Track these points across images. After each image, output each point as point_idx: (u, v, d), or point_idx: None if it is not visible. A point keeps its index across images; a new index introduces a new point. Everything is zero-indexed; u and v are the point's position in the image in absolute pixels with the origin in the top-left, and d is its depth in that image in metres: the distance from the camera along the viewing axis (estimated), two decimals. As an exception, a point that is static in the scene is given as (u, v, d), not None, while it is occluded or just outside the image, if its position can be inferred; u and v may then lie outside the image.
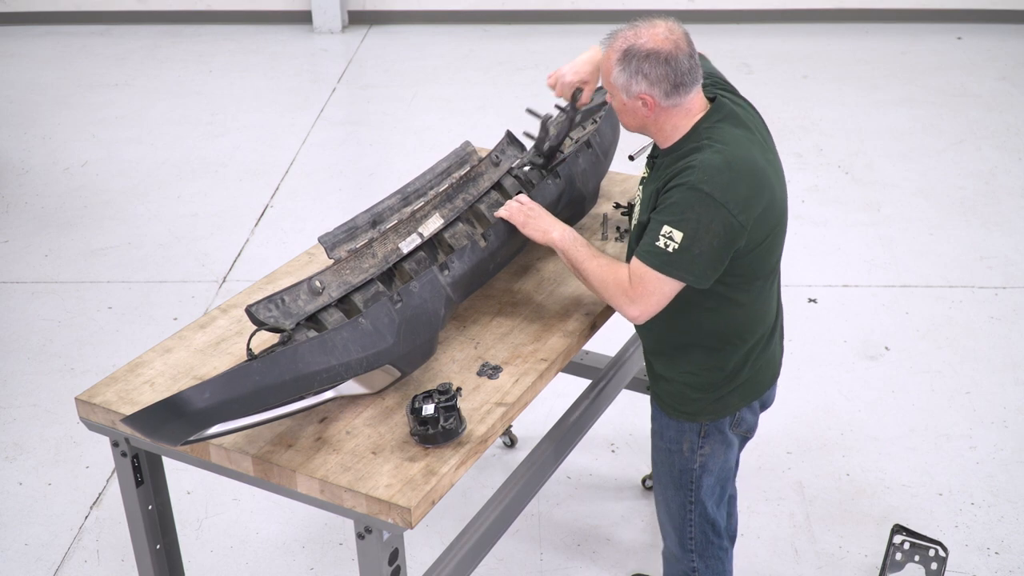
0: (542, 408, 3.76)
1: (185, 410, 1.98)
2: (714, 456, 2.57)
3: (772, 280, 2.48)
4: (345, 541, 3.37)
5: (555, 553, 3.34)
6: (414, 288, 2.34)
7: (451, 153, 2.92)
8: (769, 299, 2.49)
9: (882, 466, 3.66)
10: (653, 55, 2.26)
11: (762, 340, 2.50)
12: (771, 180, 2.35)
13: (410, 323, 2.30)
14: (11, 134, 6.59)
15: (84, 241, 5.28)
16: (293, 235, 5.26)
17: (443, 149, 5.81)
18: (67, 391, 4.10)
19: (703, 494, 2.61)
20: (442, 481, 2.11)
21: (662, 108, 2.32)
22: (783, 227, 2.44)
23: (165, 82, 7.41)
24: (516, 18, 8.45)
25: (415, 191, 2.76)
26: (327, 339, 2.15)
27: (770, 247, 2.39)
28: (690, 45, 2.31)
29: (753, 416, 2.58)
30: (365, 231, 2.61)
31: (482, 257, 2.53)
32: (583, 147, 2.87)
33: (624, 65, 2.29)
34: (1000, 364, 4.17)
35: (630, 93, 2.31)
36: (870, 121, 6.49)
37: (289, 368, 2.08)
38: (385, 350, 2.24)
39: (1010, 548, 3.30)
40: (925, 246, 5.06)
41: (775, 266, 2.47)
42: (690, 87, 2.31)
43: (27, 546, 3.41)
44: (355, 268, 2.51)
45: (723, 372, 2.48)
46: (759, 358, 2.51)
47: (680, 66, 2.28)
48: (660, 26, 2.30)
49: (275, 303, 2.33)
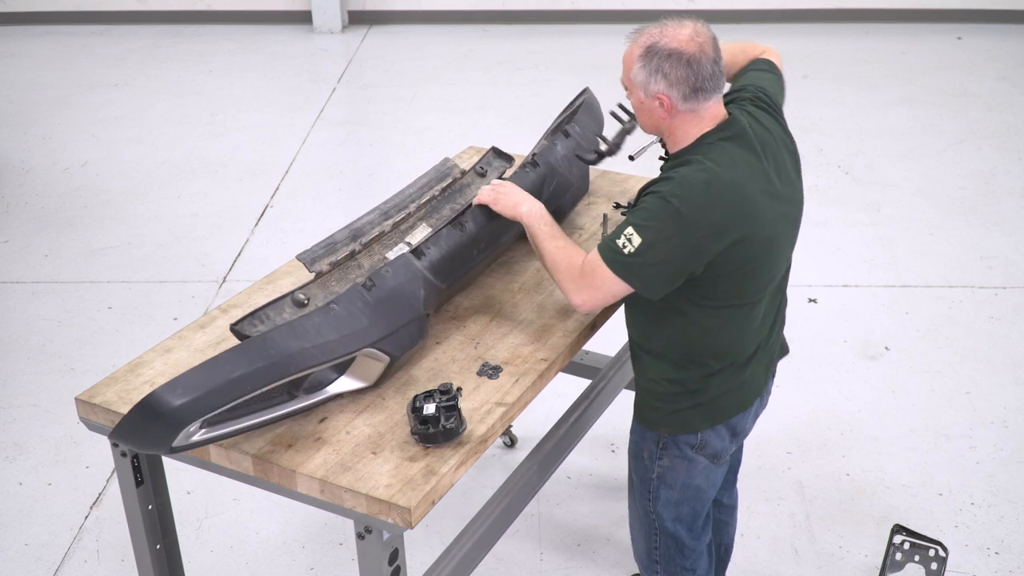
0: (542, 408, 3.76)
1: (160, 410, 1.97)
2: (673, 470, 2.52)
3: (752, 309, 2.38)
4: (345, 541, 3.37)
5: (555, 553, 3.34)
6: (386, 272, 2.34)
7: (431, 169, 2.90)
8: (745, 327, 2.39)
9: (882, 466, 3.66)
10: (675, 55, 2.21)
11: (732, 367, 2.42)
12: (758, 212, 2.25)
13: (385, 303, 2.29)
14: (11, 134, 6.59)
15: (84, 241, 5.28)
16: (293, 235, 5.26)
17: (443, 149, 5.82)
18: (67, 391, 4.10)
19: (660, 506, 2.57)
20: (442, 481, 2.11)
21: (678, 111, 2.26)
22: (771, 260, 2.33)
23: (165, 82, 7.41)
24: (516, 18, 8.45)
25: (395, 206, 2.74)
26: (298, 324, 2.16)
27: (746, 277, 2.30)
28: (716, 51, 2.25)
29: (719, 441, 2.50)
30: (345, 245, 2.58)
31: (461, 241, 2.52)
32: (560, 136, 2.87)
33: (645, 62, 2.24)
34: (1000, 364, 4.17)
35: (648, 91, 2.26)
36: (870, 121, 6.49)
37: (261, 354, 2.08)
38: (362, 331, 2.24)
39: (1010, 548, 3.30)
40: (925, 246, 5.06)
41: (757, 297, 2.37)
42: (710, 94, 2.25)
43: (27, 546, 3.41)
44: (341, 279, 2.50)
45: (683, 388, 2.43)
46: (726, 383, 2.43)
47: (702, 70, 2.22)
48: (687, 27, 2.24)
49: (259, 319, 2.31)
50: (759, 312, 2.41)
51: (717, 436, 2.49)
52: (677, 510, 2.58)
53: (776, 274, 2.39)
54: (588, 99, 3.13)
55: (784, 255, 2.40)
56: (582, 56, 7.67)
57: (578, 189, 2.97)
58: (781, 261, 2.39)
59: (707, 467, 2.53)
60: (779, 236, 2.33)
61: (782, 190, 2.32)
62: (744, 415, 2.52)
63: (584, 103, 3.09)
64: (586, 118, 3.04)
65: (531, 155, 2.85)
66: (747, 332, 2.41)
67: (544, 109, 6.51)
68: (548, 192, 2.78)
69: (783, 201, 2.32)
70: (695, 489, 2.56)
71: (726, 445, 2.53)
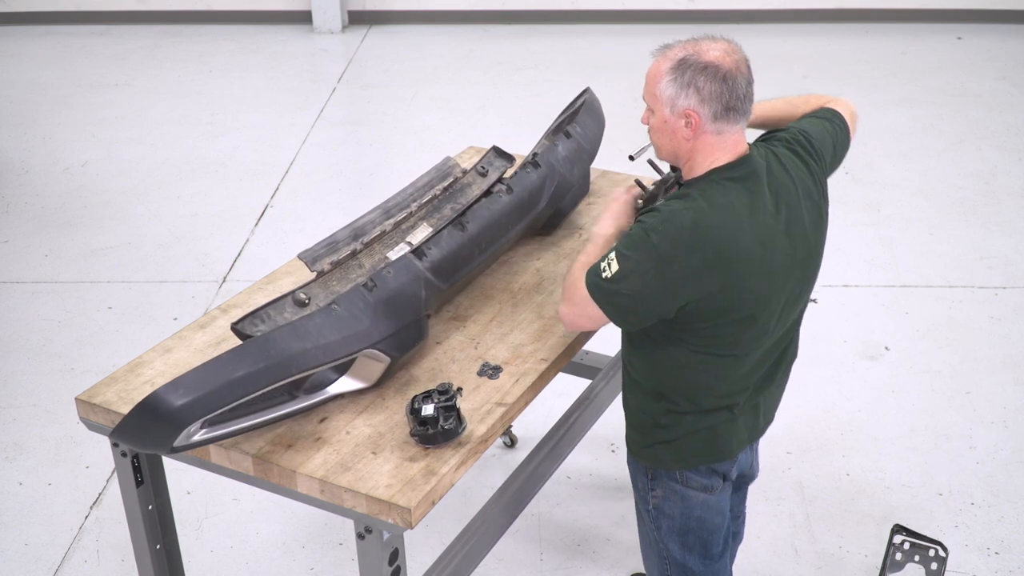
0: (542, 408, 3.76)
1: (162, 410, 1.98)
2: (668, 501, 2.42)
3: (738, 361, 2.24)
4: (345, 541, 3.37)
5: (555, 553, 3.34)
6: (388, 273, 2.34)
7: (432, 168, 2.89)
8: (728, 376, 2.25)
9: (882, 466, 3.66)
10: (711, 68, 2.07)
11: (709, 413, 2.30)
12: (747, 264, 2.10)
13: (387, 305, 2.29)
14: (11, 134, 6.59)
15: (84, 241, 5.28)
16: (293, 235, 5.26)
17: (443, 149, 5.81)
18: (67, 391, 4.10)
19: (664, 535, 2.47)
20: (442, 481, 2.11)
21: (704, 131, 2.11)
22: (763, 315, 2.18)
23: (165, 82, 7.40)
24: (516, 18, 8.44)
25: (396, 204, 2.72)
26: (299, 325, 2.15)
27: (730, 328, 2.16)
28: (750, 72, 2.13)
29: (704, 478, 2.38)
30: (347, 244, 2.58)
31: (462, 242, 2.51)
32: (561, 136, 2.86)
33: (677, 75, 2.09)
34: (1000, 364, 4.17)
35: (675, 108, 2.11)
36: (870, 121, 6.48)
37: (262, 355, 2.08)
38: (363, 332, 2.23)
39: (1010, 548, 3.30)
40: (925, 246, 5.06)
41: (744, 351, 2.22)
42: (739, 117, 2.12)
43: (27, 546, 3.41)
44: (342, 279, 2.50)
45: (653, 421, 2.34)
46: (700, 428, 2.31)
47: (737, 88, 2.09)
48: (721, 43, 2.12)
49: (260, 318, 2.31)
50: (746, 364, 2.26)
51: (699, 474, 2.38)
52: (683, 539, 2.46)
53: (770, 329, 2.23)
54: (589, 99, 3.13)
55: (783, 311, 2.24)
56: (582, 56, 7.67)
57: (579, 190, 2.97)
58: (778, 317, 2.23)
59: (705, 499, 2.41)
60: (774, 290, 2.17)
61: (787, 242, 2.18)
62: (728, 463, 2.39)
63: (585, 103, 3.09)
64: (587, 118, 3.04)
65: (532, 154, 2.84)
66: (730, 381, 2.27)
67: (544, 109, 6.51)
68: (549, 192, 2.78)
69: (785, 254, 2.17)
70: (697, 520, 2.43)
71: (712, 482, 2.40)
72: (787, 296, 2.22)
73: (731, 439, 2.36)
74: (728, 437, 2.35)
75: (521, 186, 2.68)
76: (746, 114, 2.14)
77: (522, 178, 2.71)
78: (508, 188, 2.68)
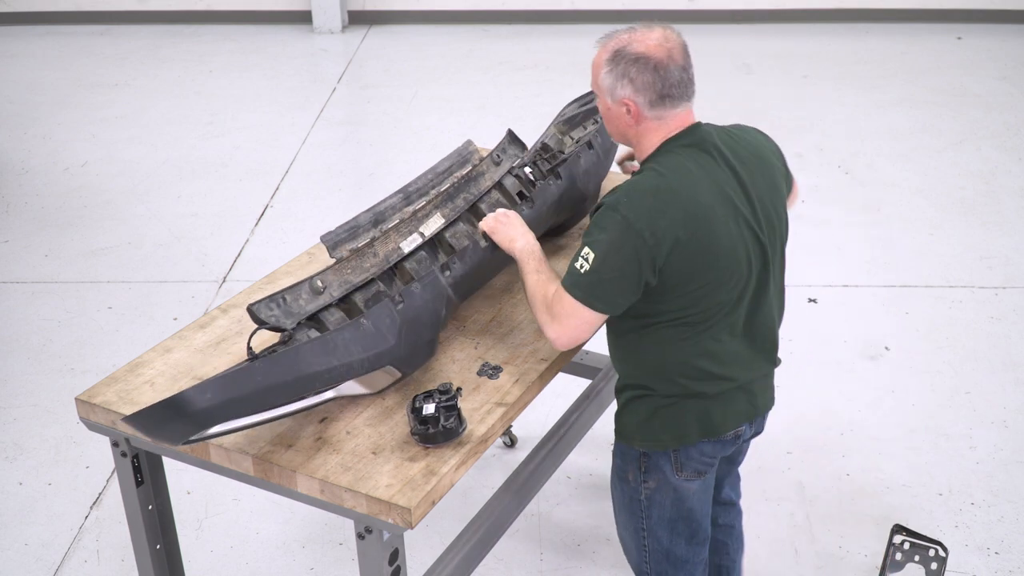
0: (542, 408, 3.76)
1: (187, 410, 1.98)
2: (661, 491, 2.44)
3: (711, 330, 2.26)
4: (345, 541, 3.37)
5: (555, 553, 3.33)
6: (416, 289, 2.34)
7: (453, 152, 2.92)
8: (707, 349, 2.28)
9: (882, 466, 3.66)
10: (642, 60, 2.18)
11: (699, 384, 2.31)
12: (710, 220, 2.17)
13: (412, 324, 2.30)
14: (11, 134, 6.59)
15: (84, 241, 5.28)
16: (293, 235, 5.26)
17: (443, 149, 5.81)
18: (67, 391, 4.10)
19: (654, 523, 2.49)
20: (442, 481, 2.11)
21: (644, 118, 2.23)
22: (729, 274, 2.22)
23: (165, 82, 7.40)
24: (516, 18, 8.45)
25: (417, 190, 2.76)
26: (329, 340, 2.16)
27: (701, 290, 2.20)
28: (685, 58, 2.21)
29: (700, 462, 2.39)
30: (367, 230, 2.61)
31: (483, 258, 2.52)
32: (584, 147, 2.86)
33: (612, 66, 2.21)
34: (1000, 364, 4.17)
35: (615, 97, 2.23)
36: (870, 121, 6.49)
37: (291, 368, 2.09)
38: (386, 351, 2.24)
39: (1010, 548, 3.30)
40: (925, 246, 5.06)
41: (715, 312, 2.25)
42: (677, 101, 2.21)
43: (27, 546, 3.41)
44: (356, 267, 2.51)
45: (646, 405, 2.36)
46: (691, 405, 2.33)
47: (669, 76, 2.19)
48: (656, 32, 2.21)
49: (276, 302, 2.34)
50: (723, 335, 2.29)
51: (697, 453, 2.39)
52: (672, 527, 2.49)
53: (738, 291, 2.26)
54: None
55: (748, 272, 2.26)
56: (582, 56, 7.62)
57: (591, 201, 2.96)
58: (744, 278, 2.26)
59: (699, 489, 2.45)
60: (738, 250, 2.22)
61: (746, 203, 2.25)
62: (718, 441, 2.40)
63: None
64: None
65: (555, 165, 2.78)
66: (712, 354, 2.29)
67: (544, 109, 6.51)
68: (566, 204, 2.78)
69: (744, 215, 2.23)
70: (688, 510, 2.48)
71: (710, 463, 2.43)
72: (748, 255, 2.25)
73: (726, 413, 2.37)
74: (723, 411, 2.36)
75: (542, 199, 2.68)
76: (686, 96, 2.23)
77: (543, 190, 2.69)
78: (531, 201, 2.67)
